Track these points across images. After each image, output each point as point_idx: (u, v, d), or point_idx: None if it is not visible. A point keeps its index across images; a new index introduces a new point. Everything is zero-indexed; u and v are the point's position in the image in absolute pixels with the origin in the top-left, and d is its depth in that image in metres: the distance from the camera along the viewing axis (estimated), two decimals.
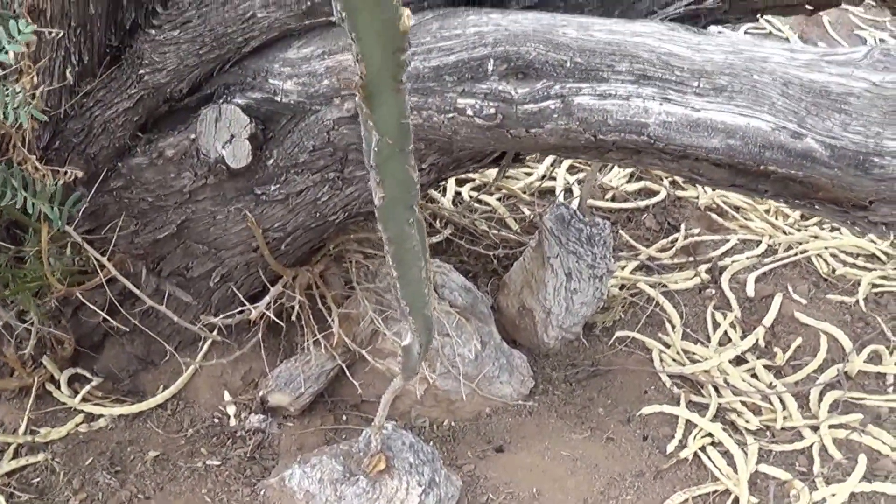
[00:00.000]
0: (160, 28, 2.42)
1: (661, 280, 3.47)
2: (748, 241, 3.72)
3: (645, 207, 3.81)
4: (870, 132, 1.85)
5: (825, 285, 3.55)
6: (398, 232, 1.45)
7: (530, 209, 3.70)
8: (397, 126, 1.22)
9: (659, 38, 2.00)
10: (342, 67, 2.26)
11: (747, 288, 3.47)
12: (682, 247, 3.65)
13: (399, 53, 1.08)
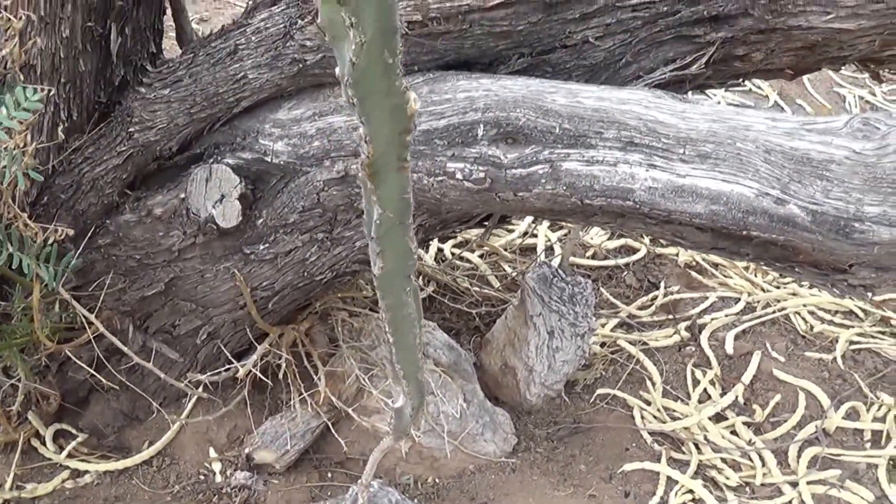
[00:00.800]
0: (150, 86, 2.45)
1: (641, 337, 3.50)
2: (727, 299, 3.75)
3: (625, 265, 3.85)
4: (851, 198, 1.88)
5: (803, 342, 3.59)
6: (396, 300, 1.48)
7: (512, 266, 3.72)
8: (399, 201, 1.24)
9: (646, 106, 2.04)
10: (332, 129, 2.29)
11: (726, 345, 3.51)
12: (661, 304, 3.68)
13: (405, 135, 1.11)
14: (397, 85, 1.03)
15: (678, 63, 2.33)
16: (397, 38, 0.99)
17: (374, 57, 0.99)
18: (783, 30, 2.30)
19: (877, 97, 5.33)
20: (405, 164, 1.17)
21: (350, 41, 0.97)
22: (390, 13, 0.96)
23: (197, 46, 2.46)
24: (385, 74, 1.02)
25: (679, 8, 2.26)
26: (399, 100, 1.06)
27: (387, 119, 1.08)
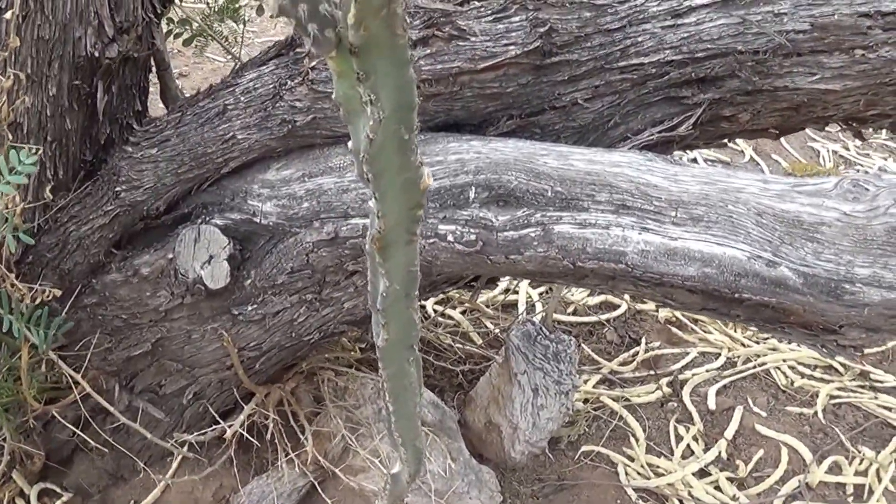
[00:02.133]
0: (138, 145, 2.45)
1: (623, 394, 3.50)
2: (707, 354, 3.76)
3: (606, 321, 3.86)
4: (841, 260, 1.89)
5: (784, 397, 3.60)
6: (397, 370, 1.47)
7: (494, 323, 3.72)
8: (406, 273, 1.24)
9: (637, 169, 2.05)
10: (322, 191, 2.29)
11: (708, 401, 3.51)
12: (643, 360, 3.69)
13: (417, 209, 1.11)
14: (412, 160, 1.03)
15: (666, 124, 2.34)
16: (414, 114, 0.99)
17: (390, 133, 0.99)
18: (769, 91, 2.31)
19: (850, 151, 5.38)
20: (415, 237, 1.17)
21: (367, 117, 0.97)
22: (409, 89, 0.96)
23: (184, 105, 2.46)
24: (400, 150, 1.02)
25: (667, 70, 2.27)
26: (413, 174, 1.06)
27: (400, 194, 1.08)
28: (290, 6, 0.87)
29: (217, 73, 4.44)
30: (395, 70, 0.92)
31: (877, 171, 3.14)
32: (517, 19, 2.21)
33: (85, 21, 2.38)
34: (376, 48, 0.89)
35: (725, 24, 2.25)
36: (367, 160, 1.00)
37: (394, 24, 0.87)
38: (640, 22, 2.26)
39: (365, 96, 0.94)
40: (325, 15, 0.89)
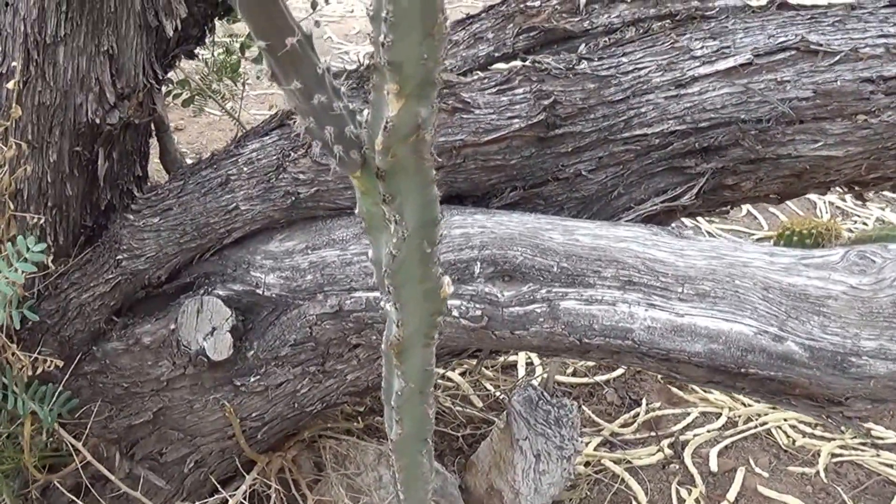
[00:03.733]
0: (139, 213, 2.44)
1: (625, 456, 3.49)
2: (708, 414, 3.75)
3: (606, 382, 3.84)
4: (848, 333, 1.89)
5: (786, 457, 3.58)
6: (410, 461, 1.47)
7: (494, 385, 3.71)
8: (422, 373, 1.24)
9: (643, 243, 2.05)
10: (325, 264, 2.28)
11: (710, 462, 3.50)
12: (643, 421, 3.68)
13: (436, 315, 1.11)
14: (433, 272, 1.03)
15: (669, 194, 2.34)
16: (437, 229, 0.98)
17: (413, 247, 0.98)
18: (772, 159, 2.31)
19: (847, 202, 5.38)
20: (432, 340, 1.17)
21: (390, 234, 0.96)
22: (433, 206, 0.96)
23: (186, 174, 2.45)
24: (422, 262, 1.01)
25: (671, 140, 2.27)
26: (434, 284, 1.05)
27: (420, 302, 1.07)
28: (317, 129, 0.87)
29: (213, 127, 4.44)
30: (420, 190, 0.92)
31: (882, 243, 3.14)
32: (521, 91, 2.21)
33: (86, 87, 2.38)
34: (403, 172, 0.89)
35: (728, 93, 2.25)
36: (389, 274, 1.00)
37: (421, 150, 0.86)
38: (644, 92, 2.26)
39: (389, 215, 0.94)
40: (351, 137, 0.89)
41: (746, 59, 2.26)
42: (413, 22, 0.77)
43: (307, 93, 0.87)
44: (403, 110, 0.83)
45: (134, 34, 2.42)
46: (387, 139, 0.85)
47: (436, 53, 0.80)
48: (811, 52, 2.26)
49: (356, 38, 5.89)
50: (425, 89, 0.83)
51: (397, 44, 0.77)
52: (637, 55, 2.30)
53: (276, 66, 0.86)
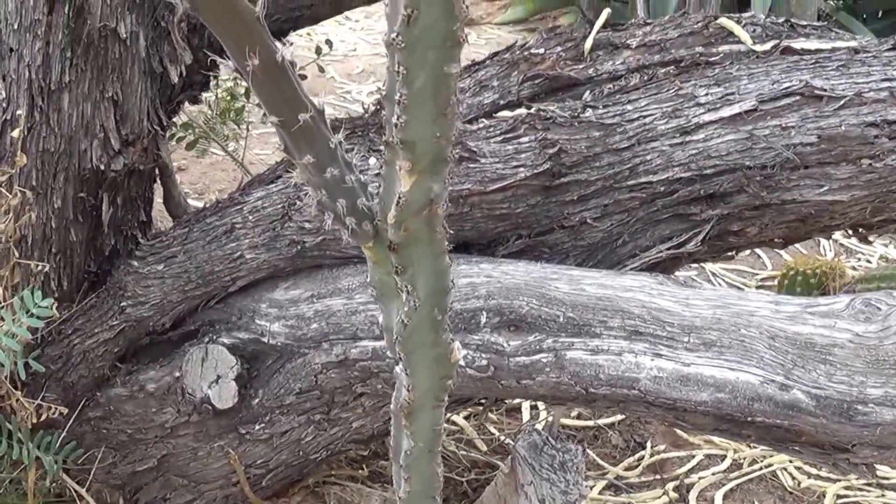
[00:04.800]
0: (144, 260, 2.44)
1: (630, 500, 3.47)
2: (713, 456, 3.73)
3: (610, 424, 3.83)
4: (854, 381, 1.90)
5: (791, 499, 3.56)
6: None
7: (498, 428, 3.70)
8: (431, 432, 1.23)
9: (649, 293, 2.05)
10: (331, 312, 2.28)
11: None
12: (648, 464, 3.66)
13: (446, 379, 1.11)
14: (444, 338, 1.03)
15: (675, 241, 2.34)
16: (448, 297, 0.98)
17: (424, 315, 0.98)
18: (777, 204, 2.31)
19: (851, 239, 5.37)
20: (442, 402, 1.16)
21: (402, 302, 0.96)
22: (444, 275, 0.96)
23: (191, 221, 2.45)
24: (433, 329, 1.02)
25: (676, 187, 2.27)
26: (444, 350, 1.05)
27: (431, 367, 1.08)
28: (329, 202, 0.87)
29: (215, 167, 4.44)
30: (432, 260, 0.92)
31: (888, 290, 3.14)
32: (526, 140, 2.22)
33: (90, 133, 2.38)
34: (415, 244, 0.89)
35: (734, 140, 2.26)
36: (400, 341, 1.00)
37: (434, 224, 0.87)
38: (649, 140, 2.27)
39: (401, 284, 0.94)
40: (363, 209, 0.89)
41: (751, 105, 2.26)
42: (426, 102, 0.77)
43: (320, 167, 0.87)
44: (416, 186, 0.83)
45: (138, 80, 2.42)
46: (399, 214, 0.85)
47: (448, 132, 0.80)
48: (815, 98, 2.26)
49: (359, 78, 5.90)
50: (438, 165, 0.83)
51: (410, 124, 0.78)
52: (642, 102, 2.30)
53: (288, 140, 0.86)
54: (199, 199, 4.22)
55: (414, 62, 0.73)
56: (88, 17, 2.28)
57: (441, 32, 0.72)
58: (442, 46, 0.73)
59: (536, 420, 3.67)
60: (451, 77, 0.75)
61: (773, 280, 4.43)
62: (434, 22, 0.70)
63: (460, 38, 0.71)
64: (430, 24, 0.70)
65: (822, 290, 4.03)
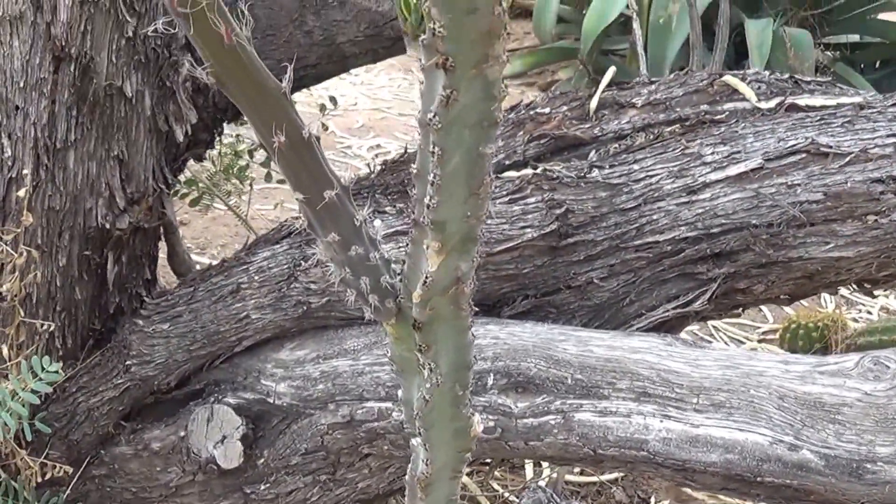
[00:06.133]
0: (149, 319, 2.43)
1: None
2: None
3: (614, 480, 3.81)
4: (863, 440, 1.89)
5: None
6: None
7: (502, 485, 3.68)
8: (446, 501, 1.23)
9: (657, 354, 2.04)
10: (337, 373, 2.27)
11: None
12: None
13: (465, 452, 1.10)
14: (465, 412, 1.02)
15: (681, 300, 2.34)
16: (470, 373, 0.98)
17: (445, 391, 0.98)
18: (783, 262, 2.31)
19: (851, 290, 5.36)
20: (460, 474, 1.16)
21: (423, 379, 0.96)
22: (467, 351, 0.95)
23: (196, 280, 2.45)
24: (453, 404, 1.01)
25: (683, 246, 2.27)
26: (464, 423, 1.05)
27: (449, 441, 1.07)
28: (353, 279, 0.87)
29: (218, 222, 4.44)
30: (456, 336, 0.92)
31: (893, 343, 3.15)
32: (533, 200, 2.22)
33: (96, 192, 2.38)
34: (439, 322, 0.88)
35: (740, 199, 2.26)
36: (420, 416, 0.99)
37: (460, 302, 0.86)
38: (656, 200, 2.27)
39: (424, 362, 0.93)
40: (387, 287, 0.88)
41: (757, 163, 2.27)
42: (459, 183, 0.77)
43: (345, 245, 0.87)
44: (443, 266, 0.83)
45: (144, 139, 2.42)
46: (426, 293, 0.85)
47: (480, 211, 0.80)
48: (821, 155, 2.27)
49: (359, 132, 5.91)
50: (467, 245, 0.83)
51: (442, 204, 0.77)
52: (648, 162, 2.31)
53: (313, 217, 0.86)
54: (201, 253, 4.22)
55: (450, 143, 0.73)
56: (94, 76, 2.28)
57: (478, 112, 0.71)
58: (478, 126, 0.73)
59: (540, 476, 3.65)
60: (486, 157, 0.75)
61: (774, 333, 4.43)
62: (472, 102, 0.70)
63: (497, 118, 0.71)
64: (469, 104, 0.70)
65: (825, 343, 4.03)
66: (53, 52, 2.24)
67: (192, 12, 0.67)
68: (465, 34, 0.64)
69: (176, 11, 0.68)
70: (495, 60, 0.66)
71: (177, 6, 0.67)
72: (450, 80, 0.68)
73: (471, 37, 0.64)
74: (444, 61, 0.66)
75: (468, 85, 0.68)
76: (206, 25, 0.69)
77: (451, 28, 0.64)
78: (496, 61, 0.66)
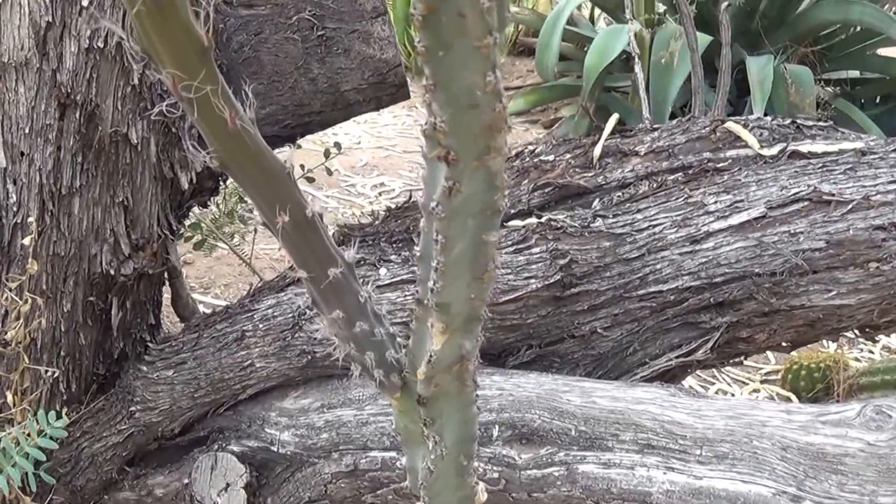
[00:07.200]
0: (153, 365, 2.43)
1: None
2: None
3: None
4: (865, 490, 1.89)
5: None
6: None
7: None
8: None
9: (661, 405, 2.04)
10: (342, 423, 2.28)
11: None
12: None
13: None
14: (468, 482, 1.02)
15: (684, 349, 2.34)
16: (475, 445, 0.98)
17: (450, 462, 0.98)
18: (786, 310, 2.32)
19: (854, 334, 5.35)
20: None
21: (429, 451, 0.96)
22: (472, 423, 0.95)
23: (201, 326, 2.45)
24: (458, 474, 1.01)
25: (686, 296, 2.28)
26: (469, 492, 1.05)
27: None
28: (357, 354, 0.87)
29: (221, 262, 4.44)
30: (461, 410, 0.92)
31: None
32: (537, 250, 2.23)
33: (101, 238, 2.38)
34: (444, 398, 0.89)
35: (743, 247, 2.26)
36: (425, 486, 1.00)
37: (464, 378, 0.87)
38: (659, 249, 2.27)
39: (428, 434, 0.94)
40: (391, 362, 0.89)
41: (760, 212, 2.27)
42: (463, 268, 0.77)
43: (349, 321, 0.87)
44: (447, 345, 0.83)
45: (149, 186, 2.43)
46: (430, 370, 0.86)
47: (484, 293, 0.80)
48: (824, 203, 2.27)
49: (363, 171, 5.91)
50: (471, 324, 0.84)
51: (446, 288, 0.78)
52: (652, 211, 2.31)
53: (317, 295, 0.87)
54: (204, 293, 4.22)
55: (453, 231, 0.73)
56: (100, 123, 2.28)
57: (481, 202, 0.72)
58: (481, 214, 0.73)
59: None
60: (490, 244, 0.75)
61: (776, 374, 4.42)
62: (475, 192, 0.71)
63: (501, 206, 0.72)
64: (472, 194, 0.71)
65: (827, 383, 4.03)
66: (59, 99, 2.25)
67: (196, 97, 0.68)
68: (467, 129, 0.65)
69: (180, 96, 0.69)
70: (497, 152, 0.67)
71: (181, 91, 0.68)
72: (452, 173, 0.68)
73: (473, 131, 0.65)
74: (447, 155, 0.66)
75: (471, 176, 0.69)
76: (210, 109, 0.69)
77: (452, 123, 0.65)
78: (498, 153, 0.67)
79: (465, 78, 0.61)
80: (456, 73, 0.61)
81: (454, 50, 0.59)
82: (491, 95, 0.62)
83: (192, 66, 0.66)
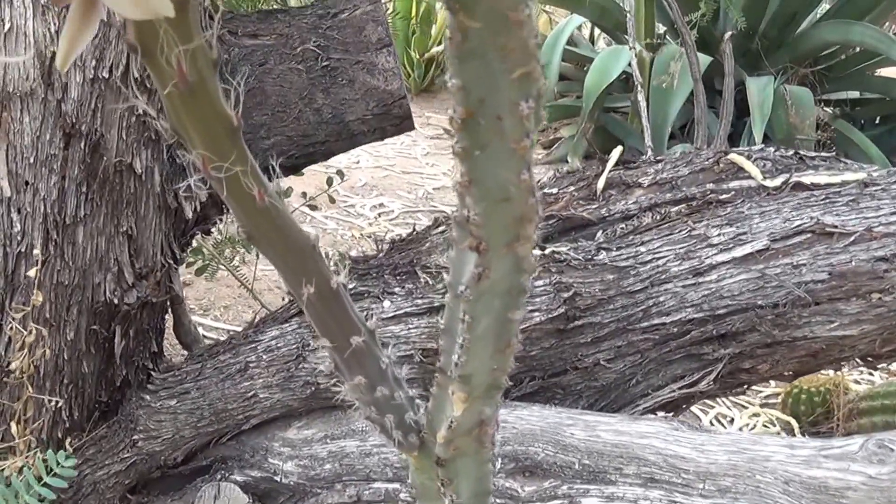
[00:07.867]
0: (156, 394, 2.44)
1: None
2: None
3: None
4: None
5: None
6: None
7: None
8: None
9: (664, 439, 2.05)
10: (345, 454, 2.28)
11: None
12: None
13: None
14: None
15: (687, 380, 2.35)
16: (489, 498, 0.99)
17: None
18: (788, 341, 2.32)
19: (855, 363, 5.36)
20: None
21: None
22: (487, 479, 0.96)
23: (204, 356, 2.46)
24: None
25: (689, 328, 2.28)
26: None
27: None
28: (377, 417, 0.88)
29: (221, 283, 4.44)
30: (478, 468, 0.93)
31: None
32: (541, 283, 2.23)
33: (104, 267, 2.38)
34: (462, 459, 0.90)
35: (746, 279, 2.27)
36: None
37: (483, 441, 0.87)
38: (662, 282, 2.28)
39: (445, 492, 0.94)
40: (410, 423, 0.90)
41: (763, 244, 2.28)
42: (486, 344, 0.78)
43: (370, 386, 0.88)
44: (468, 411, 0.84)
45: (153, 215, 2.43)
46: (450, 434, 0.86)
47: (506, 364, 0.81)
48: (826, 234, 2.28)
49: (362, 191, 5.92)
50: (491, 392, 0.85)
51: (469, 362, 0.79)
52: (655, 244, 2.32)
53: (340, 362, 0.87)
54: (204, 315, 4.22)
55: (479, 310, 0.74)
56: (104, 153, 2.29)
57: (508, 284, 0.73)
58: (507, 295, 0.74)
59: None
60: (514, 322, 0.76)
61: (776, 398, 4.42)
62: (502, 276, 0.72)
63: (526, 287, 0.73)
64: (499, 278, 0.72)
65: (827, 407, 4.03)
66: (64, 129, 2.25)
67: (226, 177, 0.69)
68: (499, 220, 0.66)
69: (209, 175, 0.70)
70: (526, 240, 0.68)
71: (210, 170, 0.69)
72: (482, 260, 0.69)
73: (504, 222, 0.66)
74: (478, 245, 0.67)
75: (499, 261, 0.70)
76: (240, 187, 0.70)
77: (485, 216, 0.66)
78: (527, 240, 0.68)
79: (499, 175, 0.62)
80: (491, 171, 0.62)
81: (491, 149, 0.60)
82: (524, 191, 0.63)
83: (222, 146, 0.67)
